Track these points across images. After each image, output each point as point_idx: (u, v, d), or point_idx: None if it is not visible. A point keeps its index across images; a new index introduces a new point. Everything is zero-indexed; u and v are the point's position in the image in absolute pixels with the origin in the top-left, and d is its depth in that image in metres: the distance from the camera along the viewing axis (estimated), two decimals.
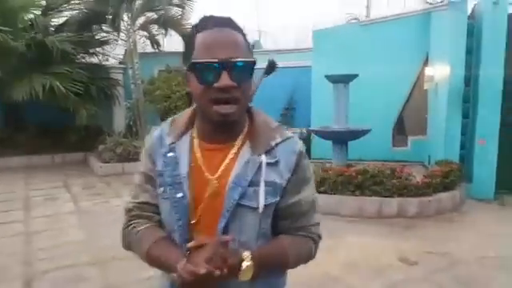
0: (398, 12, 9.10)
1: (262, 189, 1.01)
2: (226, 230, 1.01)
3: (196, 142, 1.09)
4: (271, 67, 10.73)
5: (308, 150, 8.13)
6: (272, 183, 1.03)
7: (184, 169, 1.06)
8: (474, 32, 6.65)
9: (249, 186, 1.01)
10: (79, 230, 5.14)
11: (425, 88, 7.98)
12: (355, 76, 7.05)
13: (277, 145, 1.05)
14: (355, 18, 10.63)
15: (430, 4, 8.48)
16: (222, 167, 1.04)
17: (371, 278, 3.78)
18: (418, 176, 5.86)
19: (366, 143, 7.39)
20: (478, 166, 6.38)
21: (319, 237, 1.16)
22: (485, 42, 6.33)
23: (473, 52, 6.66)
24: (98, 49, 10.72)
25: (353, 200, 5.42)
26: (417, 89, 8.64)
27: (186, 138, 1.10)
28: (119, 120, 11.41)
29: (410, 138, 8.83)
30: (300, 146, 1.09)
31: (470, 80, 6.65)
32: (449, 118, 6.74)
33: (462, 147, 6.78)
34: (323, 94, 8.46)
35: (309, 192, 1.10)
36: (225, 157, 1.05)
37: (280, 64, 10.65)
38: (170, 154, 1.09)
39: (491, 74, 6.24)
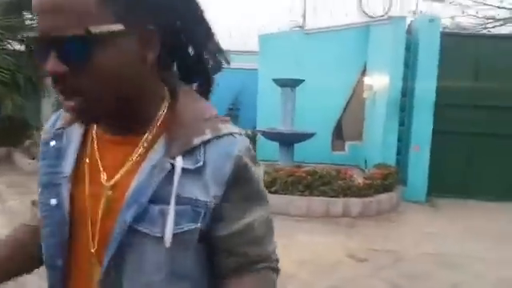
0: (334, 23, 9.58)
1: (171, 209, 0.66)
2: (114, 266, 0.68)
3: (94, 129, 0.76)
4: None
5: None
6: (191, 201, 0.68)
7: (68, 166, 0.74)
8: (410, 47, 7.19)
9: (152, 202, 0.67)
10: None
11: (364, 96, 8.45)
12: (302, 81, 7.29)
13: (204, 144, 0.70)
14: (299, 26, 10.96)
15: (371, 17, 9.02)
16: (122, 170, 0.71)
17: (325, 274, 3.91)
18: (358, 178, 6.19)
19: (307, 146, 7.64)
20: (412, 170, 6.91)
21: (278, 261, 0.82)
22: (420, 57, 6.88)
23: (409, 65, 7.20)
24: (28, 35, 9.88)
25: (302, 200, 5.58)
26: (355, 96, 9.13)
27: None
28: (47, 113, 10.61)
29: (348, 143, 9.30)
30: (240, 146, 0.72)
31: (407, 91, 7.18)
32: (386, 125, 7.21)
33: (398, 153, 7.28)
34: (269, 97, 8.61)
35: (262, 211, 0.76)
36: (129, 155, 0.71)
37: (230, 65, 10.66)
38: (53, 143, 0.78)
39: (426, 86, 6.80)
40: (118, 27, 0.62)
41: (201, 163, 0.69)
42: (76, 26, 0.59)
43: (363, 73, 8.89)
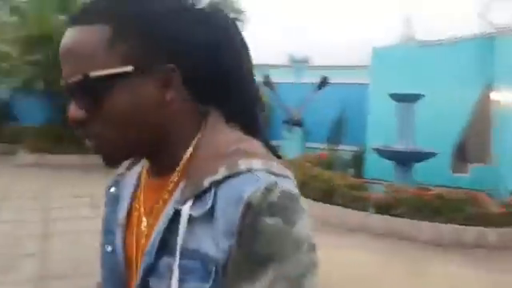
0: (451, 34, 8.88)
1: (175, 265, 0.56)
2: None
3: (144, 174, 0.72)
4: (323, 83, 10.65)
5: (360, 169, 7.77)
6: (199, 255, 0.56)
7: (122, 212, 0.71)
8: None
9: (161, 253, 0.59)
10: None
11: (492, 114, 7.64)
12: (421, 96, 6.85)
13: (216, 185, 0.57)
14: (411, 38, 10.38)
15: (499, 28, 8.16)
16: (151, 217, 0.66)
17: None
18: (491, 205, 5.52)
19: (423, 166, 7.04)
20: None
21: None
22: None
23: None
24: None
25: (430, 226, 5.13)
26: (479, 114, 8.29)
27: (137, 169, 0.75)
28: None
29: (471, 165, 8.44)
30: (257, 187, 0.55)
31: None
32: None
33: None
34: (382, 113, 8.23)
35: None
36: (159, 199, 0.65)
37: (332, 80, 10.55)
38: (112, 190, 0.76)
39: None
40: (125, 69, 0.58)
41: (206, 209, 0.57)
42: (81, 71, 0.58)
43: (488, 87, 8.06)
